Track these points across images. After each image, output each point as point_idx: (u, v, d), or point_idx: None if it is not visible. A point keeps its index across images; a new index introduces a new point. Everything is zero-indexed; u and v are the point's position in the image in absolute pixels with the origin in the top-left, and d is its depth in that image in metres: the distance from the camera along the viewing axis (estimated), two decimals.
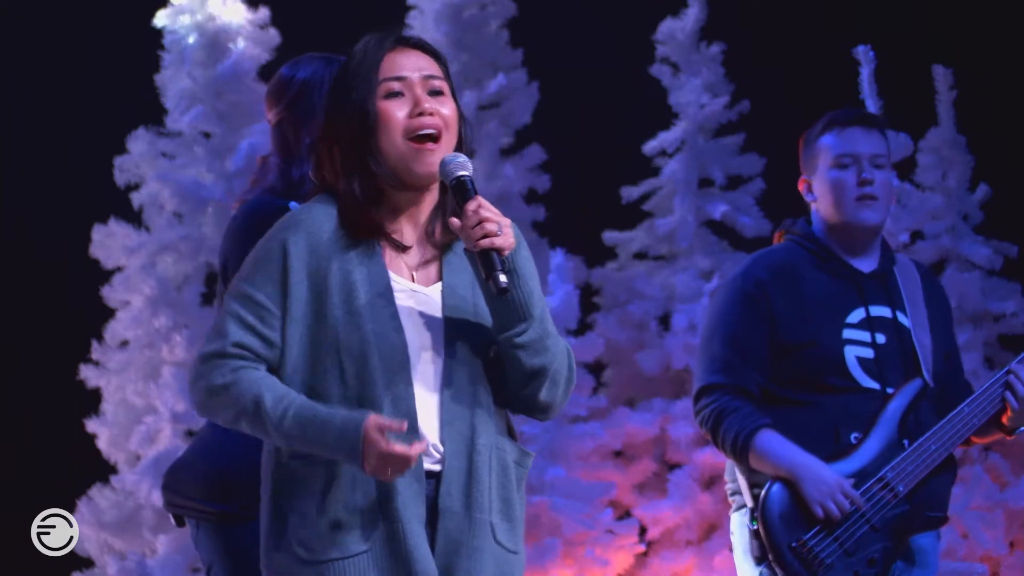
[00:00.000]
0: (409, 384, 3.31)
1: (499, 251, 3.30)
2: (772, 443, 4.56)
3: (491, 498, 3.37)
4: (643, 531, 8.08)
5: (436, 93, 3.39)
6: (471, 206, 3.31)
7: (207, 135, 7.99)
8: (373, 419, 3.19)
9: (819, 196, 4.79)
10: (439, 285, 3.40)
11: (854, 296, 4.74)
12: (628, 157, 8.45)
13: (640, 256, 8.59)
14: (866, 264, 4.80)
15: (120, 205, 7.87)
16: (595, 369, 8.24)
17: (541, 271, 7.98)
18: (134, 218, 7.87)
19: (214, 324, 3.35)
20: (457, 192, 3.35)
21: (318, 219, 3.34)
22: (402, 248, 3.39)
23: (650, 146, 8.42)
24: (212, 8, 7.92)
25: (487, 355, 3.40)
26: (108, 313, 7.83)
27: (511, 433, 3.46)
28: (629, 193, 8.47)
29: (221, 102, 7.95)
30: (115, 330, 7.82)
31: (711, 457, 8.00)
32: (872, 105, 7.63)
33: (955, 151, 8.13)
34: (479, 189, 3.36)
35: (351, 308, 3.30)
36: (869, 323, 4.72)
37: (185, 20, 7.88)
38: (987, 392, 4.73)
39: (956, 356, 4.89)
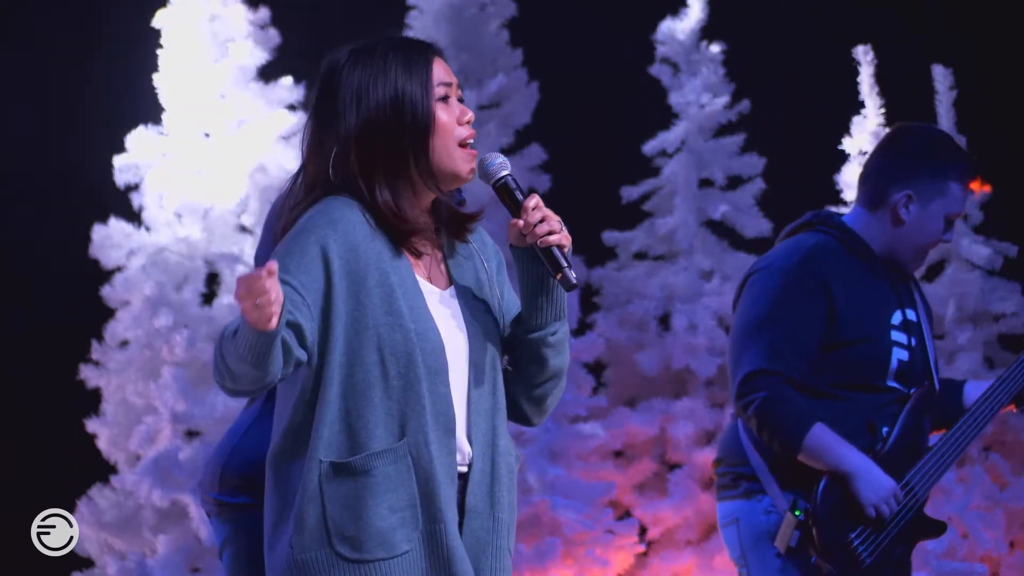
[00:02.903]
0: (448, 386, 3.32)
1: (561, 247, 3.31)
2: (826, 440, 4.55)
3: (507, 500, 3.39)
4: (643, 531, 8.09)
5: (461, 101, 3.44)
6: (531, 203, 3.36)
7: (207, 135, 7.98)
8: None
9: (911, 225, 4.74)
10: (453, 288, 3.41)
11: (892, 297, 4.74)
12: (628, 157, 8.45)
13: (640, 256, 8.59)
14: (898, 269, 4.81)
15: (120, 205, 7.87)
16: (595, 369, 8.24)
17: None
18: (134, 218, 7.87)
19: None
20: (504, 192, 3.38)
21: (351, 219, 3.31)
22: (418, 253, 3.40)
23: (650, 146, 8.42)
24: (212, 8, 7.91)
25: (502, 359, 3.43)
26: (108, 313, 7.83)
27: None
28: (629, 193, 8.47)
29: (220, 102, 7.95)
30: (115, 330, 7.82)
31: (711, 457, 8.00)
32: (872, 105, 7.63)
33: None
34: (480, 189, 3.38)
35: (392, 308, 3.29)
36: (906, 326, 4.73)
37: (185, 20, 7.88)
38: (996, 392, 4.74)
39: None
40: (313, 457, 3.27)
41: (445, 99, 3.38)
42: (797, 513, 4.56)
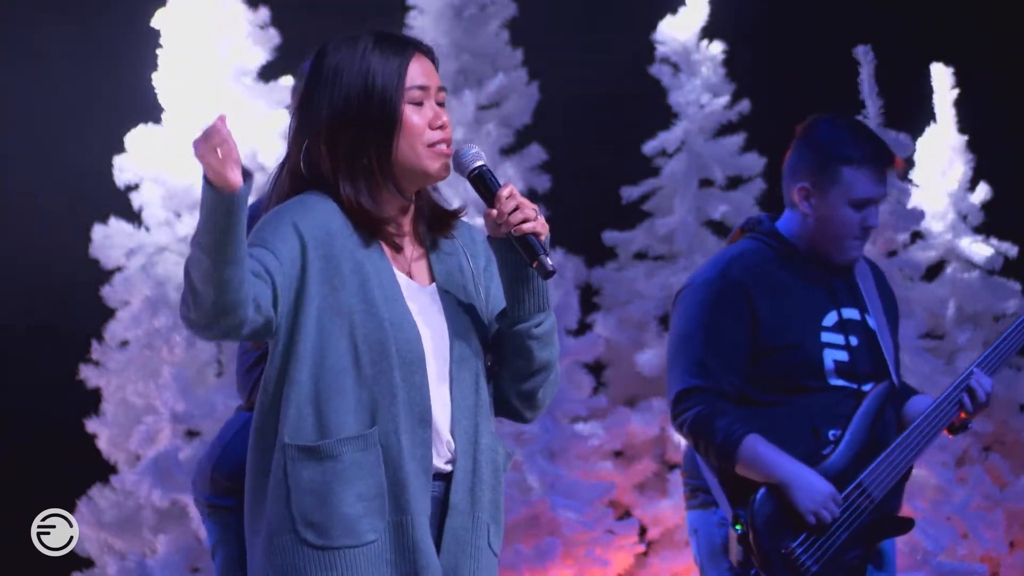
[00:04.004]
0: (424, 377, 3.31)
1: (537, 235, 3.31)
2: (760, 450, 4.53)
3: (489, 499, 3.38)
4: (643, 531, 8.08)
5: (441, 104, 3.41)
6: (504, 192, 3.33)
7: None
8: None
9: (818, 218, 4.74)
10: (434, 286, 3.40)
11: (825, 299, 4.72)
12: (628, 157, 8.45)
13: (640, 256, 8.59)
14: (832, 266, 4.79)
15: (120, 205, 7.87)
16: (595, 369, 8.24)
17: None
18: (134, 218, 7.87)
19: None
20: (479, 182, 3.36)
21: (326, 209, 3.31)
22: (398, 248, 3.39)
23: (650, 146, 8.42)
24: (212, 8, 7.91)
25: (485, 357, 3.41)
26: (108, 313, 7.83)
27: None
28: (629, 193, 8.47)
29: (220, 101, 7.95)
30: (115, 330, 7.82)
31: None
32: (872, 105, 7.63)
33: (955, 151, 8.13)
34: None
35: (366, 297, 3.28)
36: (843, 326, 4.70)
37: (185, 20, 7.87)
38: (951, 396, 4.72)
39: (899, 353, 4.90)
40: (281, 439, 3.25)
41: (419, 101, 3.36)
42: (738, 527, 4.55)
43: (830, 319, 4.70)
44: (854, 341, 4.70)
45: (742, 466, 4.54)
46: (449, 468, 3.34)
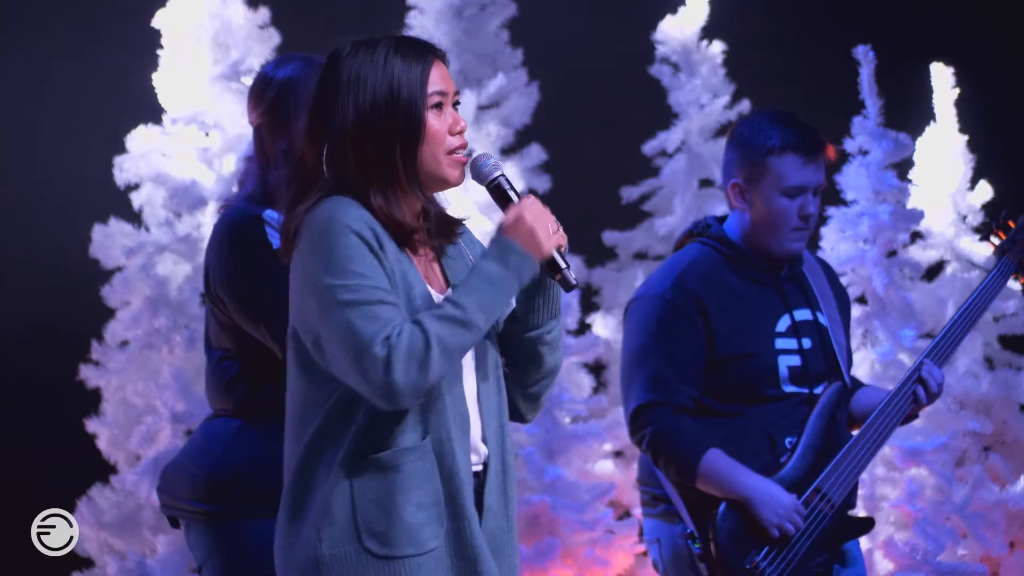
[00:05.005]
0: (462, 385, 3.36)
1: (558, 248, 3.34)
2: (720, 466, 4.53)
3: (515, 497, 3.42)
4: (643, 531, 8.08)
5: (456, 105, 3.44)
6: (528, 203, 3.37)
7: (207, 134, 7.98)
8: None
9: (755, 213, 4.74)
10: (451, 291, 3.42)
11: (778, 303, 4.71)
12: (628, 157, 8.44)
13: (640, 256, 8.59)
14: (782, 268, 4.79)
15: (120, 205, 7.86)
16: (595, 369, 8.24)
17: None
18: (134, 218, 7.87)
19: (359, 323, 3.22)
20: (498, 193, 3.38)
21: (365, 217, 3.33)
22: (417, 254, 3.41)
23: (650, 146, 8.42)
24: (212, 8, 7.91)
25: (500, 358, 3.45)
26: (108, 313, 7.82)
27: None
28: (629, 193, 8.47)
29: (221, 102, 7.94)
30: (115, 330, 7.81)
31: None
32: (872, 105, 7.63)
33: (955, 151, 8.12)
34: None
35: (411, 306, 3.31)
36: (795, 329, 4.70)
37: (185, 20, 7.87)
38: (904, 390, 4.72)
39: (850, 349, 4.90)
40: (340, 453, 3.28)
41: (439, 107, 3.38)
42: (696, 546, 4.56)
43: (783, 323, 4.70)
44: (807, 343, 4.70)
45: (703, 482, 4.54)
46: (479, 469, 3.37)
